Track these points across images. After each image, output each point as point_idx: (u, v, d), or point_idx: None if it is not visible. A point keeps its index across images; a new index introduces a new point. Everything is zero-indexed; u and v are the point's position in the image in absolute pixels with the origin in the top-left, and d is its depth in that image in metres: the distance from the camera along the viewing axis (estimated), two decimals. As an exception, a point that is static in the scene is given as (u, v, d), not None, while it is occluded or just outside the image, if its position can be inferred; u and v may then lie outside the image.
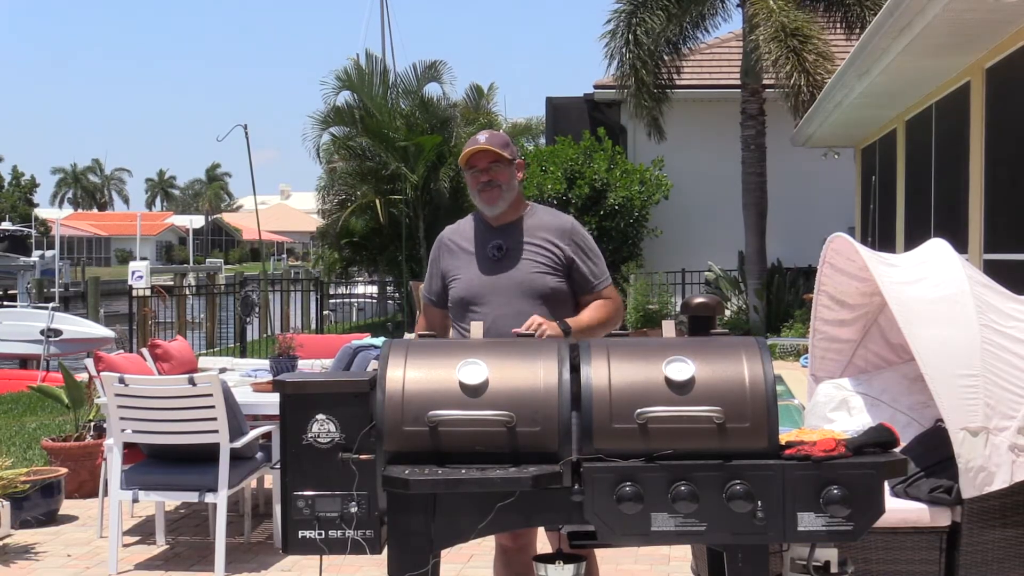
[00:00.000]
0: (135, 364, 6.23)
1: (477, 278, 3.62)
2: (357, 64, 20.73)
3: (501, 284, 3.57)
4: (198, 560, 5.42)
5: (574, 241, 3.66)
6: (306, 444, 2.69)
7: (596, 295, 3.68)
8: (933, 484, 3.52)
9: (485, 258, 3.64)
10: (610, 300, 3.70)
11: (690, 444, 2.57)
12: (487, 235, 3.68)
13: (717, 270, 16.75)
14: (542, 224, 3.68)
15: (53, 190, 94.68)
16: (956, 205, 8.88)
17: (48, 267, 36.57)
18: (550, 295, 3.55)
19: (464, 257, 3.68)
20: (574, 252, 3.65)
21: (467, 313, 3.61)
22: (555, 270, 3.60)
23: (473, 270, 3.64)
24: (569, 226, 3.71)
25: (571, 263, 3.64)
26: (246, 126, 15.84)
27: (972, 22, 6.95)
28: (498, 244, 3.63)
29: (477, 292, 3.60)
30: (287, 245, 72.16)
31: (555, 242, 3.63)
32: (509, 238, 3.64)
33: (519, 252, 3.61)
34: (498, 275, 3.59)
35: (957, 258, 3.92)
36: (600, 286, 3.69)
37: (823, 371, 4.58)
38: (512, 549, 3.62)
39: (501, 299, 3.54)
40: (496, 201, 3.62)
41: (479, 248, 3.66)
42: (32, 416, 9.89)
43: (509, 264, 3.60)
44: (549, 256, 3.61)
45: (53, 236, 46.25)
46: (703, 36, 16.37)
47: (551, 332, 3.37)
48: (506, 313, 3.48)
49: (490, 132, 3.76)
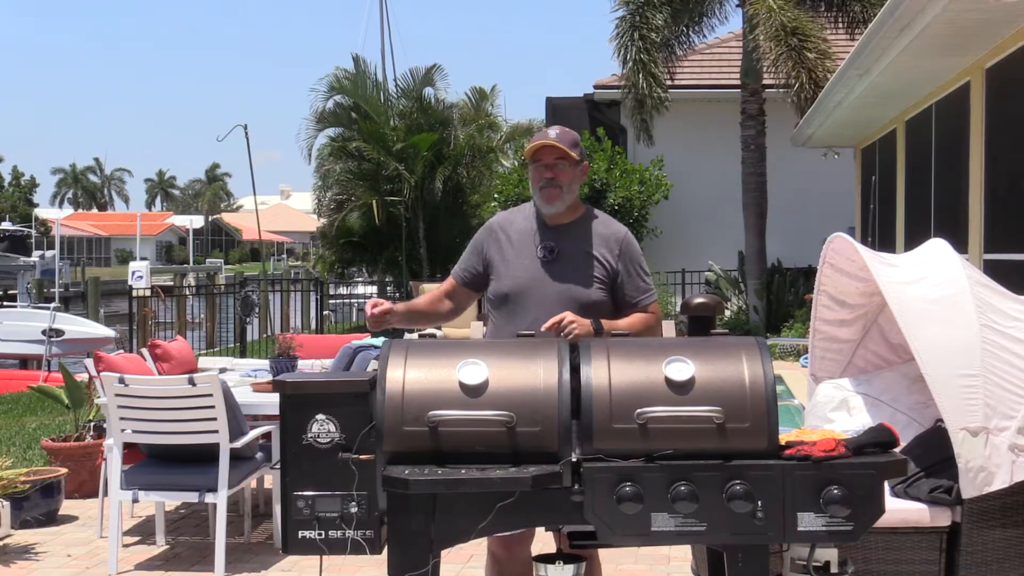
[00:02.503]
0: (135, 364, 6.23)
1: (523, 276, 3.57)
2: (355, 62, 20.76)
3: (546, 288, 3.53)
4: (198, 560, 5.41)
5: (624, 253, 3.62)
6: (306, 444, 2.69)
7: (640, 309, 3.63)
8: (933, 484, 3.52)
9: (535, 257, 3.58)
10: (651, 315, 3.65)
11: (690, 444, 2.57)
12: (541, 233, 3.62)
13: (717, 270, 16.75)
14: (596, 232, 3.63)
15: (53, 190, 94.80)
16: (956, 205, 8.88)
17: (48, 267, 36.53)
18: (591, 306, 3.50)
19: (512, 252, 3.62)
20: (622, 265, 3.60)
21: (506, 306, 3.57)
22: (601, 282, 3.56)
23: (521, 267, 3.58)
24: (622, 236, 3.65)
25: (617, 275, 3.60)
26: (246, 126, 15.82)
27: (972, 22, 6.95)
28: (551, 246, 3.58)
29: (522, 290, 3.55)
30: (287, 245, 72.22)
31: (605, 253, 3.59)
32: (562, 241, 3.59)
33: (569, 258, 3.57)
34: (544, 278, 3.55)
35: (957, 258, 3.92)
36: (644, 301, 3.64)
37: (823, 371, 4.58)
38: (504, 558, 3.59)
39: (542, 304, 3.49)
40: (555, 201, 3.57)
41: (531, 246, 3.61)
42: (32, 416, 9.89)
43: (557, 268, 3.55)
44: (598, 266, 3.57)
45: (53, 236, 46.22)
46: (698, 39, 16.36)
47: (580, 331, 3.32)
48: (543, 318, 3.40)
49: (561, 129, 3.66)
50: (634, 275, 3.63)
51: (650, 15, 14.91)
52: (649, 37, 14.88)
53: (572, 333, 3.31)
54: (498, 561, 3.61)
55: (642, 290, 3.64)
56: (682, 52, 16.20)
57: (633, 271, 3.63)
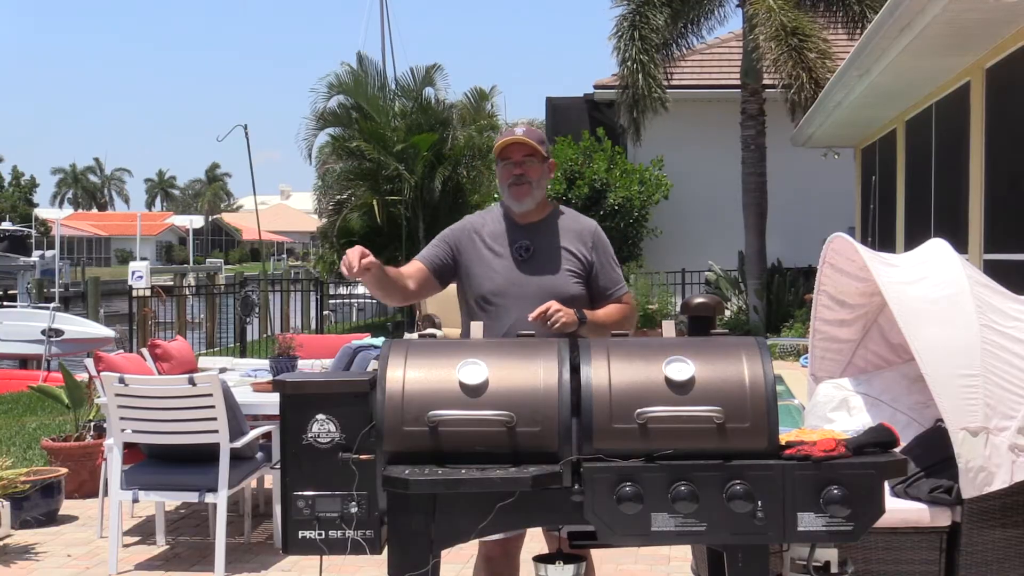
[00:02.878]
0: (135, 364, 6.24)
1: (501, 277, 3.58)
2: (359, 60, 20.74)
3: (524, 287, 3.54)
4: (198, 560, 5.42)
5: (597, 245, 3.66)
6: (306, 444, 2.69)
7: (615, 301, 3.67)
8: (933, 484, 3.52)
9: (511, 257, 3.60)
10: (627, 305, 3.70)
11: (690, 444, 2.57)
12: (514, 233, 3.64)
13: (717, 270, 16.75)
14: (567, 227, 3.66)
15: (53, 190, 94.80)
16: (956, 205, 8.88)
17: (48, 267, 36.55)
18: (570, 300, 3.51)
19: (488, 254, 3.63)
20: (596, 257, 3.65)
21: (486, 308, 3.57)
22: (577, 275, 3.60)
23: (498, 268, 3.60)
24: (593, 229, 3.70)
25: (592, 267, 3.64)
26: (246, 126, 15.83)
27: (972, 22, 6.95)
28: (525, 245, 3.60)
29: (501, 291, 3.56)
30: (287, 245, 72.21)
31: (579, 246, 3.63)
32: (535, 238, 3.61)
33: (545, 255, 3.59)
34: (521, 277, 3.56)
35: (957, 258, 3.92)
36: (618, 292, 3.69)
37: (823, 371, 4.58)
38: (497, 555, 3.59)
39: (523, 301, 3.50)
40: (525, 197, 3.60)
41: (505, 246, 3.62)
42: (32, 416, 9.89)
43: (534, 266, 3.58)
44: (573, 261, 3.60)
45: (53, 236, 46.25)
46: (698, 39, 16.37)
47: (566, 319, 3.37)
48: (525, 316, 3.41)
49: (527, 126, 3.68)
50: (607, 267, 3.68)
51: (650, 15, 14.90)
52: (649, 38, 14.87)
53: (559, 322, 3.35)
54: (491, 559, 3.61)
55: (615, 281, 3.69)
56: (681, 53, 16.21)
57: (606, 263, 3.68)
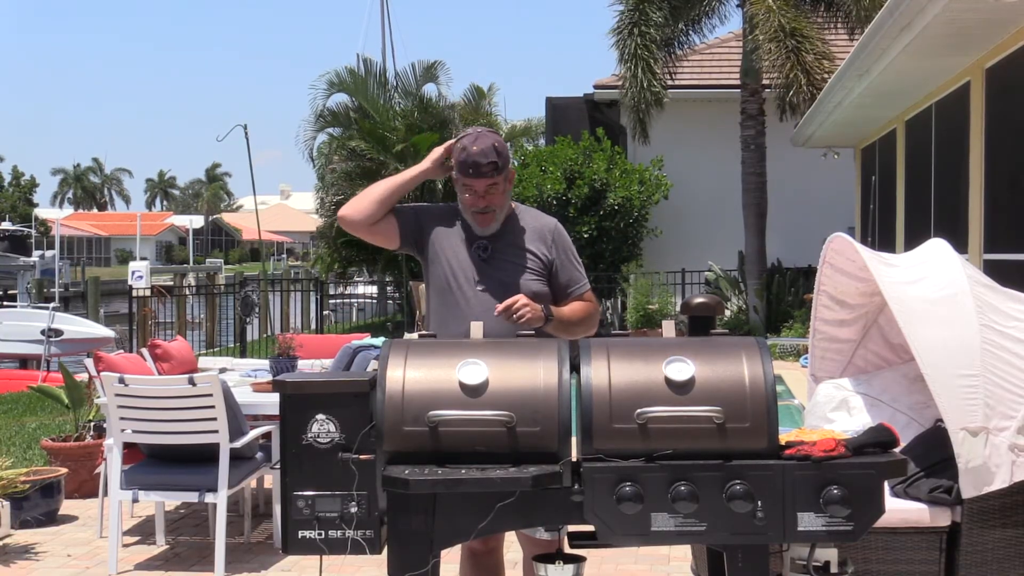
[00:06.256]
0: (135, 364, 6.23)
1: (462, 273, 3.54)
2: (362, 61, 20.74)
3: (486, 283, 3.52)
4: (198, 560, 5.41)
5: (557, 243, 3.63)
6: (306, 444, 2.69)
7: (576, 299, 3.65)
8: (933, 484, 3.52)
9: (469, 256, 3.56)
10: (591, 303, 3.68)
11: (690, 444, 2.57)
12: (472, 235, 3.60)
13: (717, 270, 16.75)
14: (527, 226, 3.63)
15: (53, 190, 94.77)
16: (956, 205, 8.88)
17: (48, 267, 36.58)
18: (532, 299, 3.49)
19: (453, 242, 3.58)
20: (556, 254, 3.62)
21: (446, 296, 3.54)
22: (538, 274, 3.58)
23: (459, 262, 3.55)
24: (553, 226, 3.67)
25: (552, 265, 3.61)
26: (246, 126, 15.80)
27: (972, 22, 6.95)
28: (484, 244, 3.57)
29: (460, 286, 3.53)
30: (287, 245, 72.20)
31: (539, 245, 3.60)
32: (495, 239, 3.58)
33: (504, 254, 3.57)
34: (483, 273, 3.54)
35: (957, 258, 3.92)
36: (580, 290, 3.66)
37: (823, 371, 4.58)
38: (482, 552, 3.59)
39: (484, 299, 3.48)
40: (489, 224, 3.55)
41: (464, 246, 3.58)
42: (32, 416, 9.89)
43: (494, 266, 3.55)
44: (533, 259, 3.58)
45: (53, 236, 46.27)
46: (698, 38, 16.37)
47: (532, 315, 3.35)
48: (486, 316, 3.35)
49: (486, 145, 3.43)
50: (568, 264, 3.64)
51: (650, 11, 14.90)
52: (649, 33, 14.87)
53: (524, 317, 3.34)
54: (475, 555, 3.61)
55: (577, 279, 3.66)
56: (682, 51, 16.21)
57: (567, 260, 3.64)
